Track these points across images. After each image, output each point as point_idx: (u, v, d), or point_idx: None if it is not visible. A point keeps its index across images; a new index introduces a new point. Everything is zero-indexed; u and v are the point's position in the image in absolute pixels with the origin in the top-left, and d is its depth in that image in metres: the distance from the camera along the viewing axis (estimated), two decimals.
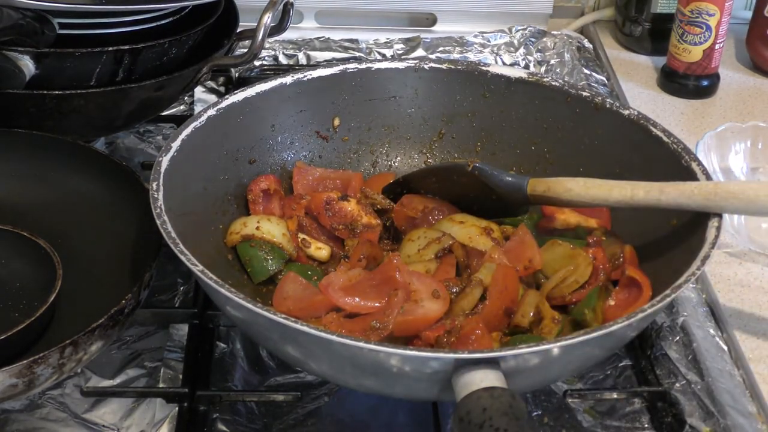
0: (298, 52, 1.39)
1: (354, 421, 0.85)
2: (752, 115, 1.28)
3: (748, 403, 0.85)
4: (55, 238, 0.89)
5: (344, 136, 1.04)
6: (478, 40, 1.44)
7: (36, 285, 0.85)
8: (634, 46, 1.44)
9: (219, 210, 0.93)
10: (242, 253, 0.90)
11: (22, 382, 0.73)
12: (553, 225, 0.94)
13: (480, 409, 0.63)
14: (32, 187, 0.97)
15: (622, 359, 0.91)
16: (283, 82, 0.99)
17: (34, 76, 0.93)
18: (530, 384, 0.78)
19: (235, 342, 0.90)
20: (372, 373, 0.72)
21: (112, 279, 0.88)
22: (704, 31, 1.26)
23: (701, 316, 0.94)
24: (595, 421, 0.85)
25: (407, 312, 0.80)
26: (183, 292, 0.96)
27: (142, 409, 0.84)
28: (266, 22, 1.02)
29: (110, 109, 1.01)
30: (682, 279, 0.74)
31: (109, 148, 1.17)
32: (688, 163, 0.87)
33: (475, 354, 0.67)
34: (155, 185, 0.81)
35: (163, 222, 0.77)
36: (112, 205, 0.93)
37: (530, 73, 1.01)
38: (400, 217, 0.96)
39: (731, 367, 0.89)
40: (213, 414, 0.83)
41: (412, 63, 1.03)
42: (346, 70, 1.01)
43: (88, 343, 0.75)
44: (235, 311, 0.75)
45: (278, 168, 1.00)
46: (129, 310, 0.79)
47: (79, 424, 0.83)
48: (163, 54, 1.00)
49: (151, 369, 0.88)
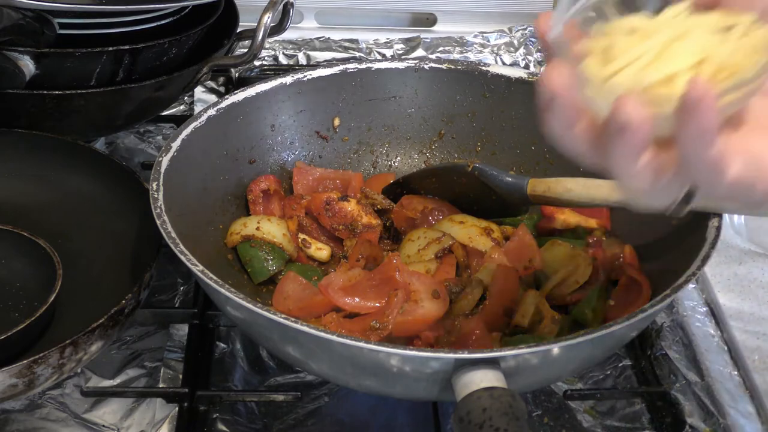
0: (298, 52, 1.39)
1: (354, 421, 0.85)
2: None
3: (748, 403, 0.85)
4: (55, 238, 0.89)
5: (344, 136, 1.04)
6: (478, 40, 1.44)
7: (36, 285, 0.85)
8: None
9: (219, 210, 0.93)
10: (242, 253, 0.90)
11: (22, 382, 0.73)
12: (553, 225, 0.94)
13: (480, 409, 0.63)
14: (32, 187, 0.97)
15: (622, 359, 0.91)
16: (283, 82, 0.99)
17: (34, 76, 0.93)
18: (530, 384, 0.78)
19: (235, 342, 0.90)
20: (372, 373, 0.72)
21: (112, 279, 0.88)
22: None
23: (701, 316, 0.94)
24: (595, 421, 0.85)
25: (407, 312, 0.80)
26: (183, 292, 0.96)
27: (142, 409, 0.84)
28: (266, 22, 1.02)
29: (110, 109, 1.01)
30: (682, 279, 0.74)
31: (109, 148, 1.17)
32: None
33: (475, 354, 0.67)
34: (155, 185, 0.81)
35: (163, 222, 0.77)
36: (112, 205, 0.93)
37: (530, 73, 1.01)
38: (400, 218, 0.96)
39: (731, 367, 0.89)
40: (213, 414, 0.83)
41: (412, 63, 1.03)
42: (346, 70, 1.01)
43: (88, 343, 0.75)
44: (235, 311, 0.75)
45: (278, 168, 1.00)
46: (129, 310, 0.79)
47: (79, 424, 0.83)
48: (163, 54, 1.00)
49: (151, 369, 0.88)
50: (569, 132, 0.53)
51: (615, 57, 0.52)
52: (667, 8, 0.54)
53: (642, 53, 0.51)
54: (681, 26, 0.53)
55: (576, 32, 0.55)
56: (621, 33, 0.53)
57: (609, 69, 0.52)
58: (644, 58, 0.51)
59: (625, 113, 0.49)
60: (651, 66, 0.51)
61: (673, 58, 0.51)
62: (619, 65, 0.51)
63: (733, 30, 0.52)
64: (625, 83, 0.51)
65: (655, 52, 0.51)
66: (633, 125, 0.49)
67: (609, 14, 0.56)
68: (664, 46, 0.51)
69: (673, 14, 0.54)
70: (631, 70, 0.51)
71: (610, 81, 0.51)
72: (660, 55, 0.51)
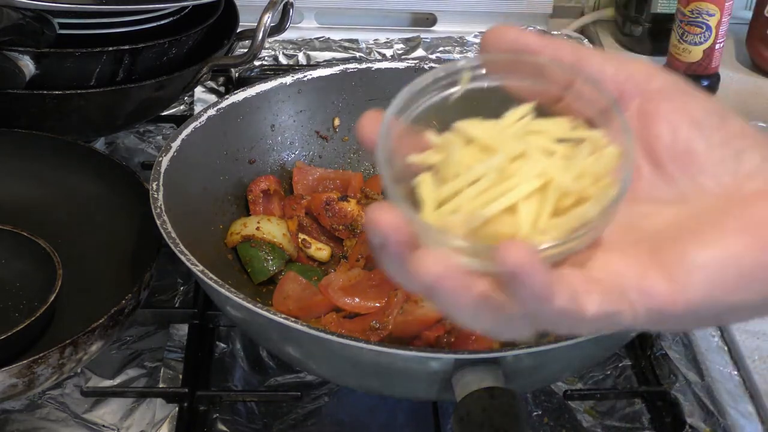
0: (298, 52, 1.39)
1: (354, 421, 0.85)
2: (752, 115, 1.27)
3: (748, 403, 0.85)
4: (55, 238, 0.89)
5: (344, 136, 1.04)
6: (478, 40, 1.44)
7: (36, 285, 0.85)
8: (634, 46, 1.44)
9: (219, 210, 0.93)
10: (242, 253, 0.90)
11: (22, 382, 0.73)
12: None
13: (480, 409, 0.63)
14: (32, 187, 0.97)
15: (622, 359, 0.91)
16: (283, 82, 0.99)
17: (34, 76, 0.93)
18: (530, 384, 0.78)
19: (235, 342, 0.90)
20: (372, 373, 0.72)
21: (112, 279, 0.87)
22: (704, 31, 1.26)
23: None
24: (595, 421, 0.85)
25: (407, 312, 0.80)
26: (183, 292, 0.96)
27: (142, 409, 0.84)
28: (266, 22, 1.02)
29: (110, 109, 1.01)
30: None
31: (109, 148, 1.17)
32: None
33: (475, 354, 0.67)
34: (155, 185, 0.81)
35: (163, 222, 0.77)
36: (112, 205, 0.93)
37: None
38: None
39: (731, 367, 0.89)
40: (213, 414, 0.83)
41: (412, 63, 1.03)
42: (346, 70, 1.01)
43: (88, 343, 0.75)
44: (235, 311, 0.75)
45: (278, 168, 1.00)
46: (129, 310, 0.79)
47: (79, 424, 0.83)
48: (163, 54, 1.00)
49: (151, 369, 0.88)
50: (406, 274, 0.44)
51: (448, 177, 0.45)
52: (510, 112, 0.47)
53: (478, 175, 0.44)
54: (522, 140, 0.45)
55: (410, 140, 0.47)
56: (458, 142, 0.46)
57: (442, 192, 0.44)
58: (481, 182, 0.44)
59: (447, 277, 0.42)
60: (488, 193, 0.44)
61: (513, 184, 0.43)
62: (452, 189, 0.44)
63: (581, 147, 0.45)
64: (458, 224, 0.43)
65: (492, 177, 0.44)
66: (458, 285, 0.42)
67: (448, 117, 0.48)
68: (502, 168, 0.44)
69: (514, 118, 0.47)
70: (465, 197, 0.44)
71: (441, 220, 0.44)
72: (498, 179, 0.44)
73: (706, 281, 0.43)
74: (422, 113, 0.48)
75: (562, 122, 0.47)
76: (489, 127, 0.46)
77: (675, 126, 0.47)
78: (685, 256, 0.43)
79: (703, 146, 0.47)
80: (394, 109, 0.47)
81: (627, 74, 0.49)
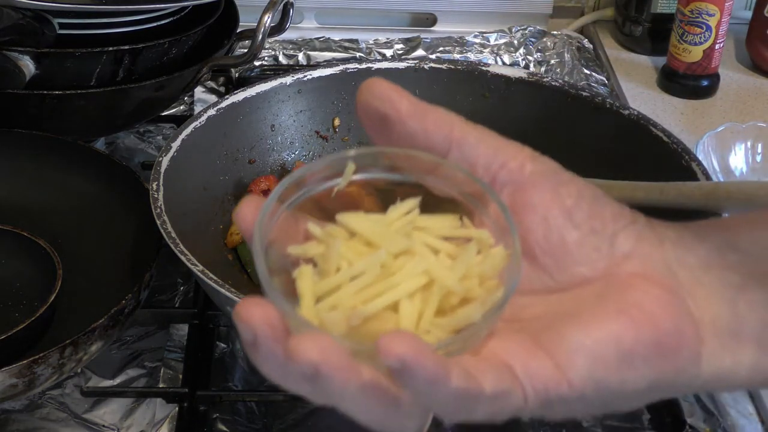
0: (298, 52, 1.39)
1: (354, 421, 0.85)
2: (752, 115, 1.28)
3: (748, 403, 0.85)
4: (55, 238, 0.89)
5: (344, 136, 1.04)
6: (478, 40, 1.44)
7: (36, 285, 0.85)
8: (634, 46, 1.44)
9: (219, 210, 0.93)
10: (242, 253, 0.90)
11: (22, 382, 0.73)
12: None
13: None
14: (32, 187, 0.97)
15: None
16: (283, 82, 0.99)
17: (34, 76, 0.93)
18: None
19: (235, 342, 0.90)
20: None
21: (112, 279, 0.88)
22: (704, 31, 1.26)
23: None
24: (595, 421, 0.85)
25: None
26: (183, 292, 0.96)
27: (142, 409, 0.84)
28: (266, 22, 1.02)
29: (110, 109, 1.01)
30: None
31: (109, 148, 1.17)
32: (688, 163, 0.87)
33: None
34: (155, 185, 0.81)
35: (163, 222, 0.77)
36: (112, 205, 0.93)
37: (530, 73, 1.01)
38: None
39: None
40: (213, 414, 0.83)
41: (412, 63, 1.03)
42: (346, 70, 1.01)
43: (88, 343, 0.75)
44: None
45: (278, 168, 1.00)
46: (129, 310, 0.79)
47: (79, 424, 0.83)
48: (163, 54, 1.00)
49: (151, 369, 0.88)
50: (282, 369, 0.41)
51: (330, 271, 0.43)
52: (394, 206, 0.45)
53: (360, 271, 0.42)
54: (407, 236, 0.44)
55: (292, 229, 0.46)
56: (341, 235, 0.44)
57: (322, 286, 0.42)
58: (363, 278, 0.42)
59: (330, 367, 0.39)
60: (370, 289, 0.42)
61: (396, 281, 0.42)
62: (333, 283, 0.42)
63: (467, 247, 0.44)
64: (337, 321, 0.41)
65: (374, 273, 0.42)
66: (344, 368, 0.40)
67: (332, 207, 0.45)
68: (386, 264, 0.42)
69: (400, 213, 0.45)
70: (346, 293, 0.42)
71: (319, 316, 0.42)
72: (381, 275, 0.42)
73: (586, 361, 0.43)
74: (306, 203, 0.46)
75: (449, 219, 0.46)
76: (373, 221, 0.44)
77: (546, 217, 0.47)
78: (564, 337, 0.43)
79: (576, 236, 0.47)
80: (275, 196, 0.44)
81: (501, 161, 0.48)
